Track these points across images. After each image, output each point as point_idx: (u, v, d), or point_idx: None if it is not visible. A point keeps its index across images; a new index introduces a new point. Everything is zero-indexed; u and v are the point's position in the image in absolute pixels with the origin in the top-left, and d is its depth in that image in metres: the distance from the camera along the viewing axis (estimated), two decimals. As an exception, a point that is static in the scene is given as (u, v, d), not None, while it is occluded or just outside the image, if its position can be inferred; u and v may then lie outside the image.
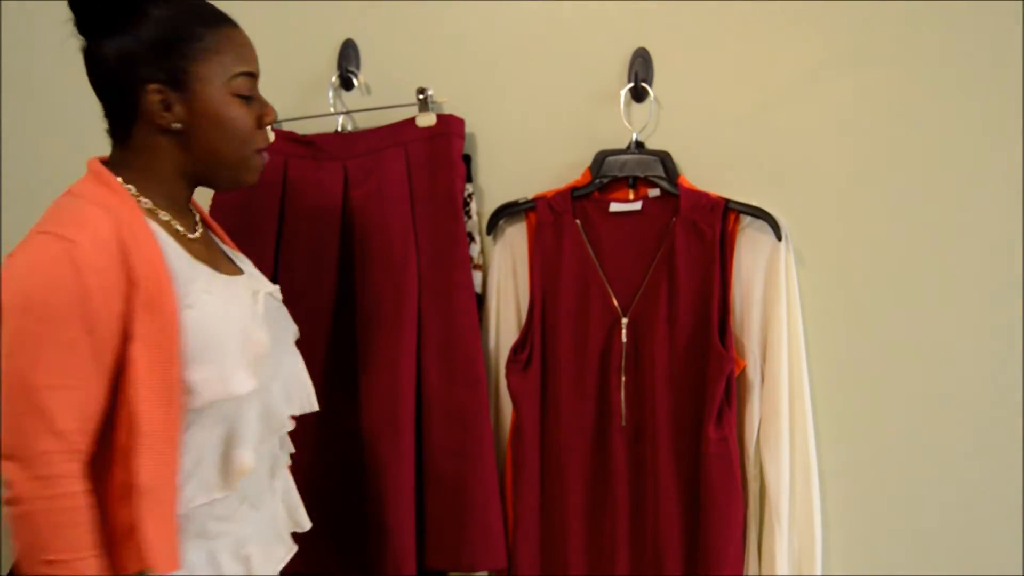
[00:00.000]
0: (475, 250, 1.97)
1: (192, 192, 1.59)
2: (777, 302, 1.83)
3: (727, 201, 1.85)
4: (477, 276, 1.98)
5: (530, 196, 1.94)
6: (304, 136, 1.99)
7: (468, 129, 1.96)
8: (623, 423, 1.88)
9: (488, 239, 1.98)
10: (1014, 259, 1.80)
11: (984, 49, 1.80)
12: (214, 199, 1.96)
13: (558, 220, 1.92)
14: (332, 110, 2.02)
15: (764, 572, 1.84)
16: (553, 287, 1.91)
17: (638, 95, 1.93)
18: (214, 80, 1.49)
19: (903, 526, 1.86)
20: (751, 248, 1.86)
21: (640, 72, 1.92)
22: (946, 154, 1.83)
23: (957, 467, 1.84)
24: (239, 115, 1.51)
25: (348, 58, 2.02)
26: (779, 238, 1.83)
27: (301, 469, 1.90)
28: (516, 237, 1.97)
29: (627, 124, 1.92)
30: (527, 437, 1.91)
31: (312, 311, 1.92)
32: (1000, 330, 1.82)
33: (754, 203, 1.85)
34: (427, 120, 1.93)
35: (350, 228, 1.94)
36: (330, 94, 2.02)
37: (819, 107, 1.87)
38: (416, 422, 1.89)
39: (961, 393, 1.84)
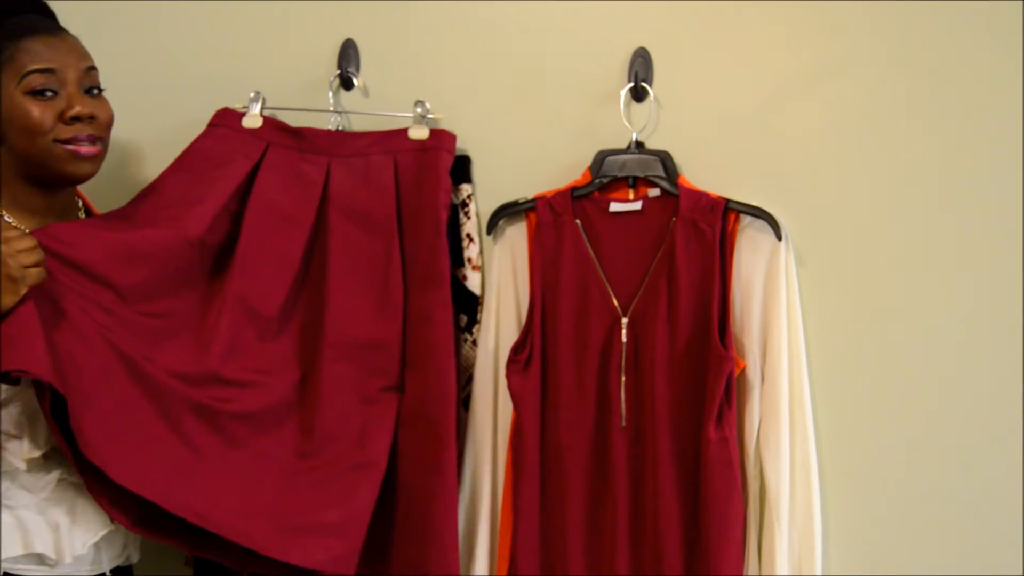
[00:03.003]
0: (474, 250, 1.97)
1: (51, 193, 1.73)
2: (777, 302, 1.83)
3: (727, 201, 1.85)
4: (477, 276, 1.98)
5: (530, 196, 1.94)
6: (294, 128, 1.98)
7: (468, 129, 1.96)
8: (623, 423, 1.88)
9: (488, 239, 1.98)
10: (1015, 259, 1.80)
11: (985, 49, 1.80)
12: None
13: (558, 220, 1.92)
14: (331, 109, 2.02)
15: (764, 572, 1.84)
16: (553, 287, 1.91)
17: (638, 95, 1.93)
18: (10, 84, 1.67)
19: (903, 526, 1.86)
20: (751, 248, 1.86)
21: (640, 72, 1.92)
22: (946, 154, 1.83)
23: (957, 467, 1.84)
24: (33, 110, 1.67)
25: (348, 58, 2.02)
26: (779, 238, 1.84)
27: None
28: (516, 237, 1.97)
29: (627, 124, 1.92)
30: (527, 437, 1.91)
31: (272, 283, 1.89)
32: (1000, 330, 1.82)
33: (754, 203, 1.85)
34: (420, 133, 1.94)
35: (324, 224, 1.92)
36: (330, 94, 2.02)
37: (819, 107, 1.87)
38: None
39: (961, 393, 1.84)
